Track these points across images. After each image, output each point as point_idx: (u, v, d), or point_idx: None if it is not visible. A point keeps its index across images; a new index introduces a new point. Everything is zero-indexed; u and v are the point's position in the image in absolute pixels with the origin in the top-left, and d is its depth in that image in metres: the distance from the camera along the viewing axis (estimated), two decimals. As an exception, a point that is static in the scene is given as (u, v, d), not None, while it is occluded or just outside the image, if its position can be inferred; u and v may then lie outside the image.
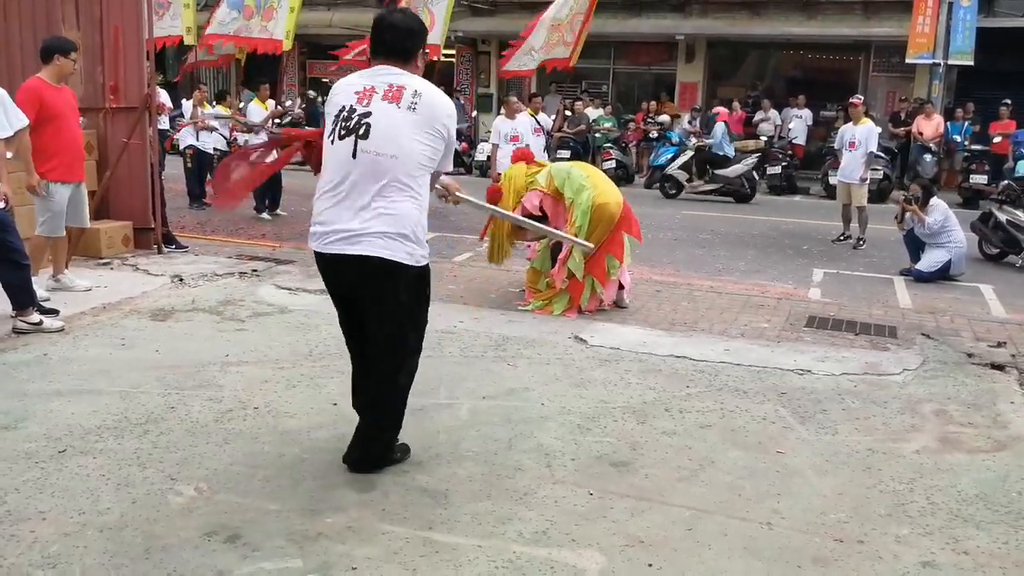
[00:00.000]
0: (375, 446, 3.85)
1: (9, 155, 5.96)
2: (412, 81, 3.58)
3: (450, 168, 3.81)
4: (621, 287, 7.05)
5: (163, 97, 11.43)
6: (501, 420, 4.52)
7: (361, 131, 3.50)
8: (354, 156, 3.50)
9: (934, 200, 9.34)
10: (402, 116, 3.50)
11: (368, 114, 3.50)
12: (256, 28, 10.31)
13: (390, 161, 3.48)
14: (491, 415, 4.59)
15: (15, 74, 7.78)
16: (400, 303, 3.65)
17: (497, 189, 7.14)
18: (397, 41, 3.64)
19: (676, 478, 3.93)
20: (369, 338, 3.75)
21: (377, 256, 3.50)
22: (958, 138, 17.03)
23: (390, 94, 3.53)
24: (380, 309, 3.67)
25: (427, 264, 3.70)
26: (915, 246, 9.42)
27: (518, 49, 10.98)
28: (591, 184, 6.72)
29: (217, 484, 3.66)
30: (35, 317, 5.77)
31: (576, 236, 6.59)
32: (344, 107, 3.56)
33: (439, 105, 3.60)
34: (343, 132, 3.53)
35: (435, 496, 3.65)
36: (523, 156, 7.40)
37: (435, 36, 10.43)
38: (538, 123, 12.04)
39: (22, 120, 5.96)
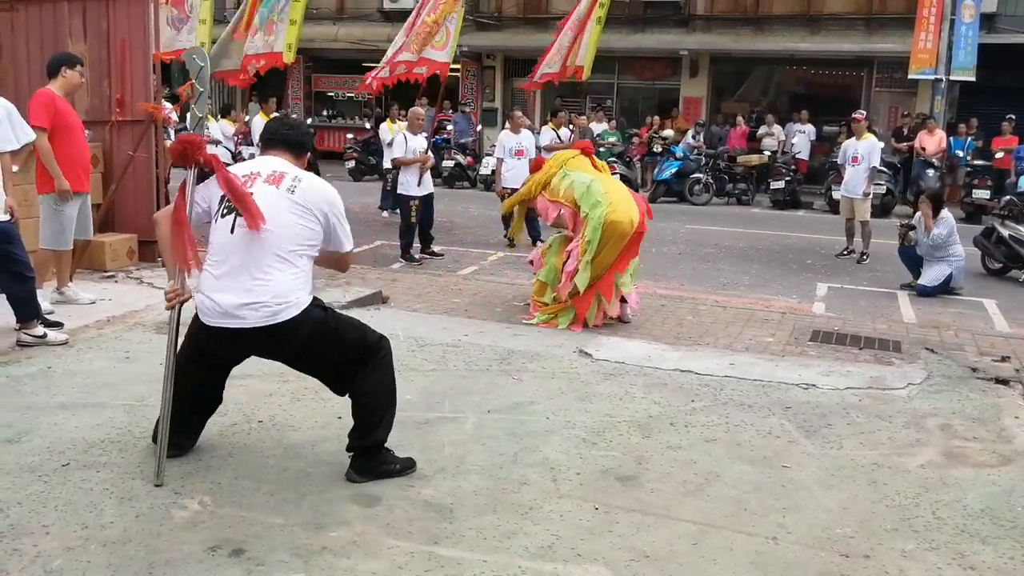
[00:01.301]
0: (362, 439, 3.89)
1: (15, 168, 5.98)
2: (294, 171, 3.80)
3: (347, 248, 3.95)
4: (624, 301, 7.05)
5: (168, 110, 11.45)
6: (506, 434, 4.51)
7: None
8: (232, 231, 3.68)
9: (944, 212, 9.34)
10: (279, 196, 3.70)
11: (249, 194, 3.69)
12: (261, 44, 10.34)
13: (265, 234, 3.64)
14: (496, 429, 4.58)
15: (22, 88, 7.81)
16: (300, 345, 3.77)
17: (541, 161, 7.63)
18: (295, 137, 3.95)
19: (682, 492, 3.92)
20: (331, 381, 3.97)
21: (263, 326, 3.64)
22: (960, 153, 17.04)
23: (271, 178, 3.75)
24: (309, 361, 3.88)
25: (310, 301, 3.77)
26: (913, 261, 9.43)
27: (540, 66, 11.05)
28: (607, 200, 6.71)
29: (221, 498, 3.65)
30: (39, 330, 5.77)
31: (586, 250, 6.60)
32: None
33: (318, 191, 3.78)
34: (225, 211, 3.72)
35: (440, 510, 3.64)
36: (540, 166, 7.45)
37: (447, 54, 10.44)
38: (559, 138, 12.09)
39: (29, 134, 5.98)
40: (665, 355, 6.07)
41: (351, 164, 19.38)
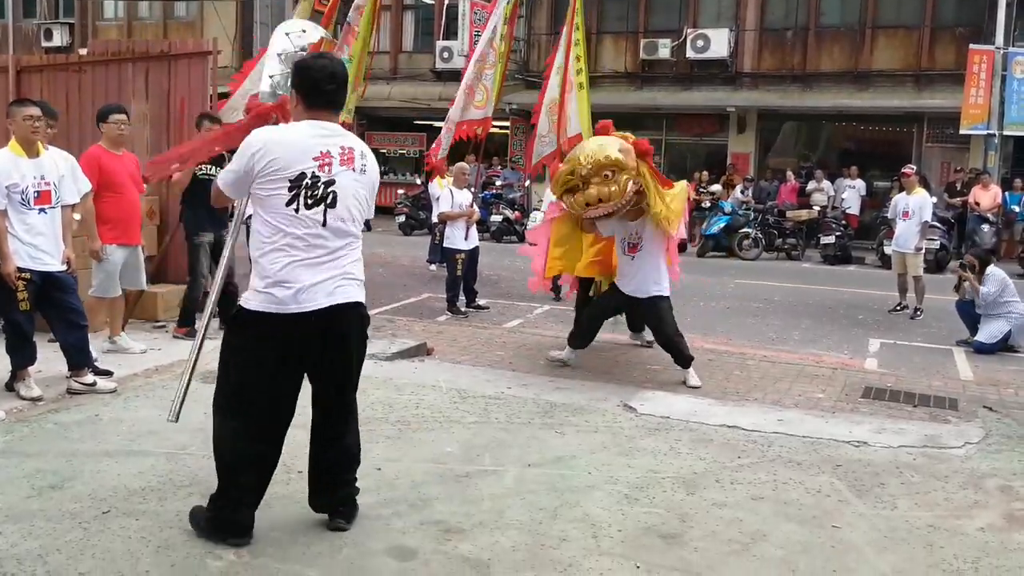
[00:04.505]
0: (353, 487, 3.94)
1: (77, 217, 6.14)
2: (355, 142, 3.67)
3: (370, 214, 3.89)
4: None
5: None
6: (547, 489, 4.43)
7: (329, 200, 3.51)
8: (324, 225, 3.52)
9: (990, 269, 9.15)
10: (358, 182, 3.61)
11: (332, 182, 3.51)
12: None
13: (352, 225, 3.62)
14: (537, 483, 4.50)
15: (85, 144, 8.01)
16: (364, 342, 3.81)
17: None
18: (340, 93, 3.66)
19: (727, 552, 3.80)
20: (331, 387, 3.78)
21: (355, 301, 3.65)
22: (1016, 208, 16.78)
23: (345, 158, 3.56)
24: (350, 354, 3.74)
25: None
26: (969, 317, 9.22)
27: (532, 147, 11.02)
28: None
29: (257, 549, 3.62)
30: (89, 378, 5.85)
31: None
32: (305, 174, 3.47)
33: (375, 165, 3.77)
34: (310, 201, 3.48)
35: (477, 566, 3.57)
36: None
37: (485, 111, 10.56)
38: None
39: (88, 185, 6.17)
40: (712, 410, 5.96)
41: (401, 219, 19.65)
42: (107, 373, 6.14)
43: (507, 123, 22.41)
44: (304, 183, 3.47)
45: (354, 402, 3.90)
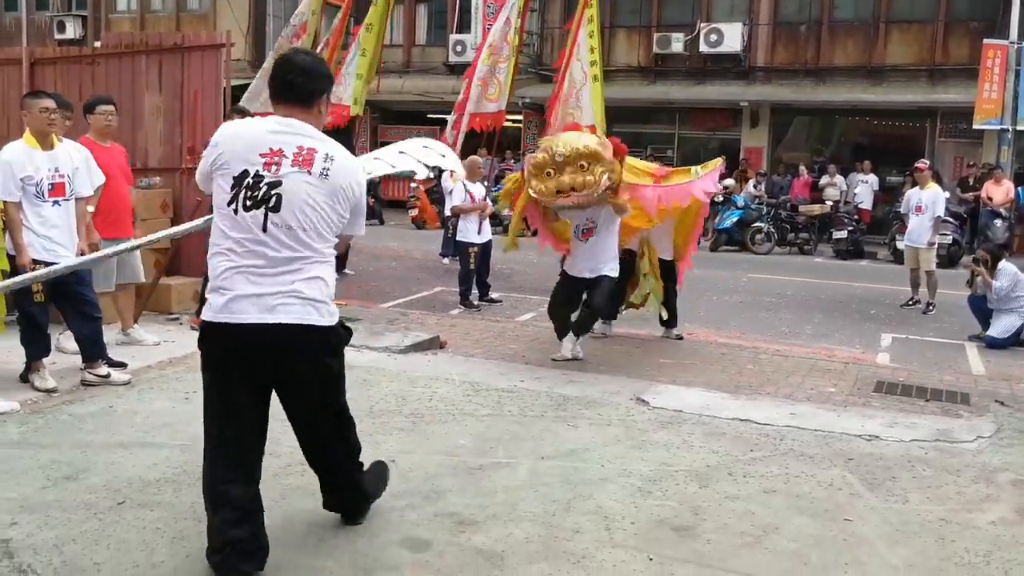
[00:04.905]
0: (361, 485, 3.84)
1: (91, 209, 6.17)
2: (323, 144, 3.31)
3: (361, 232, 3.59)
4: None
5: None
6: (560, 481, 4.44)
7: (271, 203, 3.18)
8: (264, 230, 3.18)
9: (1002, 264, 9.13)
10: (312, 186, 3.22)
11: (278, 183, 3.19)
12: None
13: (306, 235, 3.23)
14: (550, 476, 4.51)
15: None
16: (324, 367, 3.41)
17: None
18: (304, 84, 3.34)
19: (739, 544, 3.81)
20: (294, 412, 3.50)
21: (304, 323, 3.24)
22: (1029, 203, 16.70)
23: (300, 158, 3.22)
24: (304, 380, 3.39)
25: (338, 320, 3.42)
26: (982, 312, 9.18)
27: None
28: None
29: (271, 540, 3.62)
30: (103, 370, 5.89)
31: None
32: (248, 171, 3.20)
33: (351, 171, 3.35)
34: (249, 203, 3.18)
35: (490, 557, 3.59)
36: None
37: (498, 105, 10.57)
38: None
39: (101, 177, 6.20)
40: (724, 404, 5.96)
41: (414, 212, 19.66)
42: (121, 365, 6.17)
43: (520, 117, 22.41)
44: (246, 182, 3.20)
45: (335, 420, 3.59)
